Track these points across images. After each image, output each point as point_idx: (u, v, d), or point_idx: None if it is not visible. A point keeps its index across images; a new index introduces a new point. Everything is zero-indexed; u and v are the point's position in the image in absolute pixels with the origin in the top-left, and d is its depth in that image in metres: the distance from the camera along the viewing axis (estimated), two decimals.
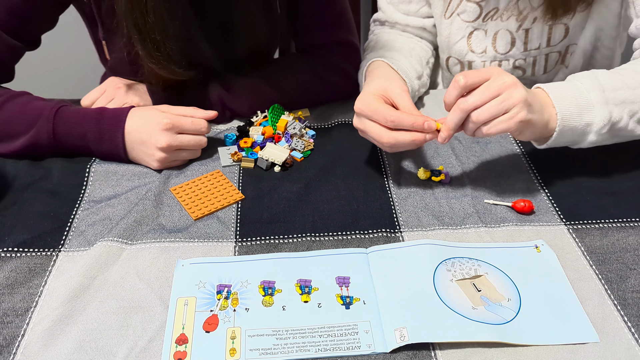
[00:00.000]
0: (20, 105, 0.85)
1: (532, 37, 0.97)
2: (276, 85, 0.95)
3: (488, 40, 0.99)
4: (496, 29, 0.97)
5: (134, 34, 0.81)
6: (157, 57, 0.83)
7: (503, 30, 0.97)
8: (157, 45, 0.82)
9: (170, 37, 0.82)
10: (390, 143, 0.75)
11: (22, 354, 0.60)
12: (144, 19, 0.79)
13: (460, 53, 1.02)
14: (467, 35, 1.00)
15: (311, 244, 0.73)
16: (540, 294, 0.66)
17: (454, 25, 0.99)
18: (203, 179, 0.83)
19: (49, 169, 0.84)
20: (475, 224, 0.76)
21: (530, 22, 0.95)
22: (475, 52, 1.01)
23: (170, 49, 0.83)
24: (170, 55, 0.83)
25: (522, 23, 0.95)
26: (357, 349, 0.61)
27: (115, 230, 0.73)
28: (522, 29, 0.96)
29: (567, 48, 0.99)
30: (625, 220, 0.76)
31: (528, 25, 0.96)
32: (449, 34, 1.01)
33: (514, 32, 0.97)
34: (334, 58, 0.98)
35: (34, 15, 0.87)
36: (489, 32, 0.98)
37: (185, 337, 0.62)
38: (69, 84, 1.63)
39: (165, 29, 0.81)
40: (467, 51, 1.01)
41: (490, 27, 0.97)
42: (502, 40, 0.98)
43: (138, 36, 0.81)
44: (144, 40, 0.81)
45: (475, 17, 0.97)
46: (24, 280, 0.68)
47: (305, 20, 0.98)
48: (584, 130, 0.76)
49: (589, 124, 0.76)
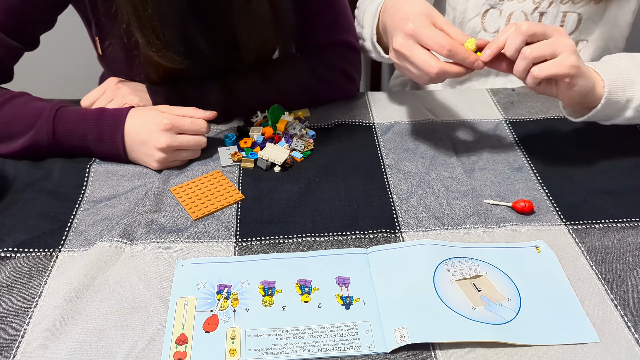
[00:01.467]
0: (20, 106, 0.85)
1: (545, 22, 0.97)
2: (276, 86, 0.95)
3: (502, 20, 0.99)
4: (512, 9, 0.98)
5: (133, 21, 0.81)
6: (156, 45, 0.83)
7: (518, 11, 0.98)
8: (156, 33, 0.82)
9: (169, 25, 0.83)
10: (438, 74, 0.72)
11: (22, 354, 0.60)
12: (143, 6, 0.80)
13: (472, 31, 1.02)
14: (482, 13, 1.00)
15: (311, 244, 0.73)
16: (541, 294, 0.66)
17: (471, 1, 1.00)
18: (203, 179, 0.83)
19: (49, 169, 0.84)
20: (475, 224, 0.76)
21: (547, 5, 0.95)
22: (487, 31, 1.01)
23: (169, 36, 0.83)
24: (169, 42, 0.84)
25: (539, 6, 0.96)
26: (357, 349, 0.61)
27: (115, 231, 0.73)
28: (537, 11, 0.96)
29: (577, 43, 1.00)
30: (625, 220, 0.76)
31: (544, 9, 0.96)
32: (464, 9, 1.00)
33: (528, 14, 0.97)
34: (334, 58, 0.98)
35: (33, 15, 0.87)
36: (504, 12, 0.98)
37: (185, 337, 0.62)
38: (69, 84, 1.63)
39: (164, 15, 0.82)
40: (480, 29, 1.01)
41: (507, 7, 0.98)
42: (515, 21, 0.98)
43: (137, 23, 0.81)
44: (143, 27, 0.82)
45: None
46: (24, 281, 0.68)
47: (305, 21, 0.98)
48: (625, 105, 0.79)
49: (629, 99, 0.79)
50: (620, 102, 0.78)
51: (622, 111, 0.80)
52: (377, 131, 0.94)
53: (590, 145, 0.89)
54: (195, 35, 0.90)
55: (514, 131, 0.93)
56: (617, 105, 0.78)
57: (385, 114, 0.98)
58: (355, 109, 0.99)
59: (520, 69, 0.72)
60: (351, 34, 1.00)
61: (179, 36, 0.85)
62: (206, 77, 0.93)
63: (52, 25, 0.92)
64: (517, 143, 0.90)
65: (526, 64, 0.72)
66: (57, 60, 1.70)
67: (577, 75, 0.72)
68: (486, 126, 0.94)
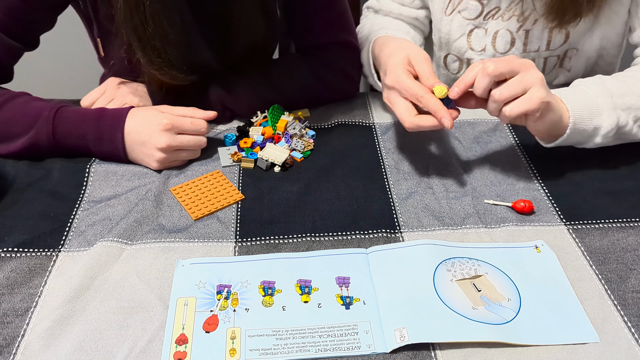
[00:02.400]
0: (20, 106, 0.85)
1: (532, 39, 0.97)
2: (276, 86, 0.95)
3: (488, 38, 0.99)
4: (497, 28, 0.97)
5: (134, 42, 0.81)
6: (158, 63, 0.83)
7: (503, 29, 0.97)
8: (158, 52, 0.82)
9: (170, 43, 0.82)
10: (411, 129, 0.77)
11: (22, 354, 0.60)
12: (144, 26, 0.79)
13: (459, 50, 1.02)
14: (467, 32, 1.00)
15: (311, 244, 0.73)
16: (541, 294, 0.66)
17: (455, 22, 1.00)
18: (203, 179, 0.83)
19: (49, 169, 0.84)
20: (475, 224, 0.76)
21: (532, 23, 0.95)
22: (474, 50, 1.01)
23: (170, 54, 0.83)
24: (171, 60, 0.83)
25: (523, 24, 0.96)
26: (357, 349, 0.61)
27: (115, 231, 0.73)
28: (522, 29, 0.96)
29: (566, 52, 1.00)
30: (625, 220, 0.76)
31: (529, 27, 0.96)
32: (449, 30, 1.01)
33: (514, 32, 0.97)
34: (333, 58, 0.98)
35: (32, 15, 0.87)
36: (489, 31, 0.98)
37: (185, 337, 0.62)
38: (69, 84, 1.63)
39: (165, 35, 0.81)
40: (466, 49, 1.01)
41: (491, 25, 0.98)
42: (502, 39, 0.98)
43: (138, 43, 0.81)
44: (144, 47, 0.81)
45: (476, 15, 0.98)
46: (24, 281, 0.68)
47: (305, 21, 0.98)
48: (592, 132, 0.79)
49: (597, 127, 0.79)
50: (587, 130, 0.78)
51: (590, 138, 0.80)
52: (377, 131, 0.94)
53: None
54: (197, 51, 0.90)
55: (514, 131, 0.93)
56: (584, 133, 0.79)
57: (385, 114, 0.98)
58: (355, 109, 0.99)
59: (492, 109, 0.75)
60: (351, 34, 1.00)
61: (181, 54, 0.84)
62: (206, 78, 0.93)
63: (52, 25, 0.92)
64: (517, 143, 0.90)
65: (497, 106, 0.74)
66: (57, 60, 1.70)
67: (547, 110, 0.73)
68: (486, 126, 0.94)
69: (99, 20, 0.90)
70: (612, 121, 0.78)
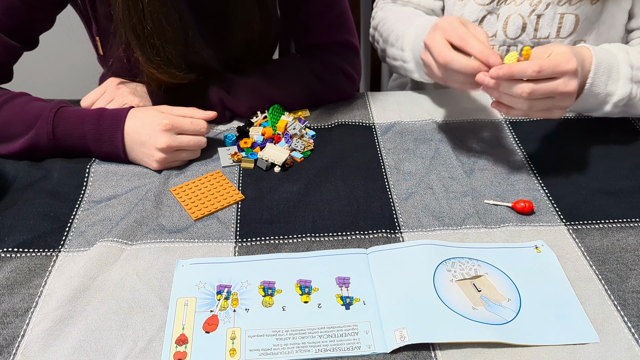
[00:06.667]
0: (20, 106, 0.85)
1: (543, 24, 0.98)
2: (276, 86, 0.95)
3: (499, 24, 1.00)
4: (509, 12, 0.98)
5: (133, 40, 0.81)
6: (156, 62, 0.83)
7: (515, 14, 0.98)
8: (156, 50, 0.82)
9: (169, 41, 0.82)
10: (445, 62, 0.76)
11: (22, 354, 0.60)
12: (142, 25, 0.79)
13: None
14: (480, 19, 1.00)
15: (311, 244, 0.73)
16: (541, 294, 0.66)
17: (467, 7, 1.00)
18: (203, 179, 0.83)
19: (49, 170, 0.84)
20: (475, 225, 0.76)
21: (544, 7, 0.96)
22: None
23: (169, 53, 0.83)
24: (170, 59, 0.83)
25: (535, 8, 0.96)
26: (357, 349, 0.61)
27: (115, 231, 0.73)
28: (534, 14, 0.97)
29: (575, 44, 1.00)
30: (625, 221, 0.76)
31: (541, 11, 0.96)
32: (461, 16, 1.01)
33: (526, 17, 0.97)
34: (334, 58, 0.98)
35: (31, 15, 0.87)
36: (501, 16, 0.99)
37: (185, 337, 0.62)
38: (69, 84, 1.63)
39: (164, 33, 0.81)
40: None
41: (503, 10, 0.99)
42: (513, 25, 0.99)
43: (137, 42, 0.81)
44: (143, 45, 0.81)
45: (490, 1, 0.98)
46: (24, 281, 0.68)
47: (306, 21, 0.98)
48: (604, 99, 0.82)
49: (610, 94, 0.82)
50: (600, 95, 0.82)
51: (602, 105, 0.83)
52: (377, 131, 0.94)
53: (591, 145, 0.89)
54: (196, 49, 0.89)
55: (514, 131, 0.93)
56: (598, 98, 0.82)
57: (385, 114, 0.98)
58: (355, 109, 0.99)
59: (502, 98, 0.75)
60: (351, 34, 1.00)
61: (179, 52, 0.84)
62: (206, 78, 0.93)
63: (51, 24, 0.92)
64: (517, 143, 0.90)
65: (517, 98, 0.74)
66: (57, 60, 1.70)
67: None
68: (486, 126, 0.94)
69: (97, 19, 0.90)
70: (625, 91, 0.82)
